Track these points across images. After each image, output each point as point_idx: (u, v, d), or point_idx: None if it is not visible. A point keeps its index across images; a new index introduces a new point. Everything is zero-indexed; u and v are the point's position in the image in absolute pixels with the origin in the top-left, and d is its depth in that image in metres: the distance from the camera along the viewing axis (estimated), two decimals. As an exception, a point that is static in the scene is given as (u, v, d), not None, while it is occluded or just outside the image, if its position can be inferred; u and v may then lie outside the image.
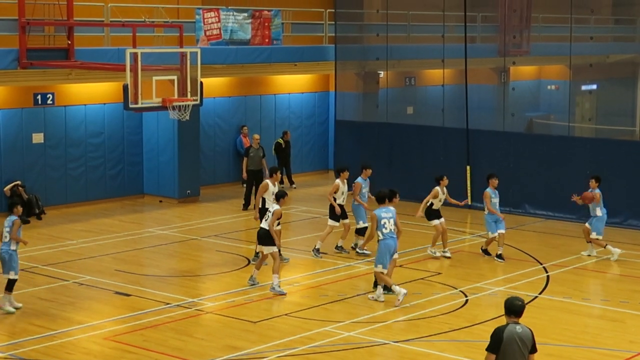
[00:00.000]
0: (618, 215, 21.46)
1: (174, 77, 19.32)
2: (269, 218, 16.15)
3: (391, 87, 27.67)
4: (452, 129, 25.10)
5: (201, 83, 19.54)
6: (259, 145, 24.78)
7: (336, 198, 18.98)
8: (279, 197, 16.68)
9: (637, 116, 34.12)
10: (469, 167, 23.96)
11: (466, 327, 14.39)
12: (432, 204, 18.87)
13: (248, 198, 24.27)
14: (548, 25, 32.48)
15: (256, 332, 14.14)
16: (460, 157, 24.17)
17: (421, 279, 17.31)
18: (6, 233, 15.08)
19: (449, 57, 25.85)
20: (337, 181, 19.17)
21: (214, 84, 26.22)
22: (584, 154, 22.70)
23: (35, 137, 23.36)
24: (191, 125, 24.10)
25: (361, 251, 19.08)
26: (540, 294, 16.41)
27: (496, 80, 30.45)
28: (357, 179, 19.23)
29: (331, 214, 19.10)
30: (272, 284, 16.19)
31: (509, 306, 9.11)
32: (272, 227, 16.10)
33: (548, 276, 17.63)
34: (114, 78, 22.09)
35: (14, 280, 15.16)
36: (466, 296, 16.16)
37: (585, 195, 18.89)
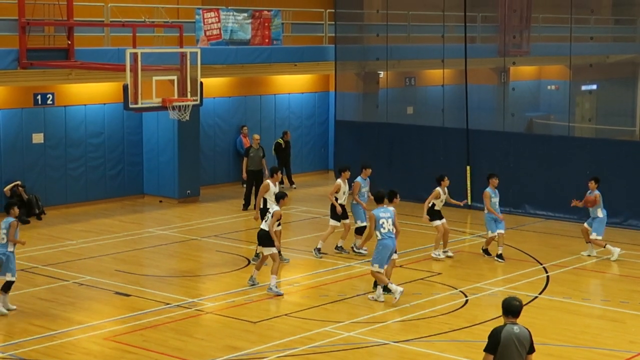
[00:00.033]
0: (618, 215, 21.46)
1: (174, 77, 19.32)
2: (268, 219, 16.16)
3: (391, 87, 27.66)
4: (452, 129, 25.10)
5: (201, 83, 19.54)
6: (259, 146, 24.76)
7: (337, 198, 18.99)
8: (279, 198, 16.69)
9: (637, 116, 34.09)
10: (469, 167, 23.96)
11: (466, 327, 14.39)
12: (433, 204, 18.84)
13: (248, 198, 24.27)
14: (548, 25, 32.47)
15: (256, 333, 14.14)
16: (460, 157, 24.17)
17: (421, 279, 17.31)
18: (3, 235, 14.94)
19: (449, 57, 25.85)
20: (338, 181, 19.18)
21: (214, 84, 26.22)
22: (584, 154, 22.69)
23: (35, 137, 23.35)
24: (191, 126, 24.09)
25: (357, 250, 19.08)
26: (540, 294, 16.41)
27: (496, 80, 30.44)
28: (357, 178, 19.23)
29: (332, 214, 19.09)
30: (270, 284, 16.19)
31: (507, 306, 9.11)
32: (272, 228, 16.10)
33: (548, 276, 17.62)
34: (114, 78, 22.08)
35: (11, 282, 15.08)
36: (466, 296, 16.16)
37: (587, 199, 18.87)
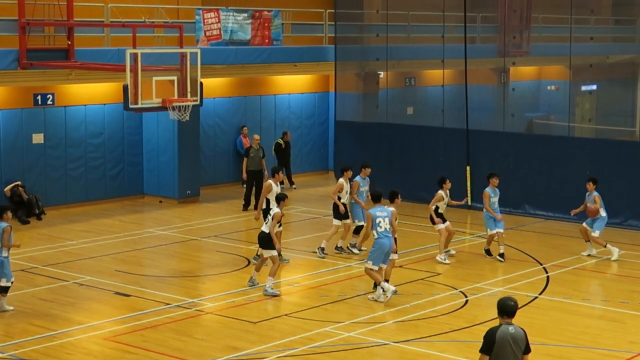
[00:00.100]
0: (618, 216, 21.45)
1: (174, 78, 19.32)
2: (269, 221, 16.13)
3: (391, 87, 27.67)
4: (452, 130, 25.10)
5: (201, 83, 19.55)
6: (259, 146, 24.76)
7: (340, 197, 19.01)
8: (279, 200, 16.64)
9: (637, 117, 34.08)
10: (469, 168, 23.96)
11: (466, 327, 14.39)
12: (437, 207, 18.78)
13: (248, 198, 24.27)
14: (548, 25, 32.46)
15: (256, 333, 14.14)
16: (460, 158, 24.17)
17: (421, 279, 17.30)
18: None
19: (449, 58, 25.85)
20: (340, 180, 19.20)
21: (214, 85, 26.22)
22: (584, 154, 22.69)
23: (35, 137, 23.35)
24: (191, 126, 24.09)
25: (350, 249, 19.13)
26: (540, 294, 16.41)
27: (496, 80, 30.43)
28: (356, 177, 19.25)
29: (335, 214, 19.10)
30: (265, 285, 16.17)
31: (502, 307, 9.11)
32: (273, 230, 16.07)
33: (548, 276, 17.62)
34: (114, 78, 22.08)
35: (6, 287, 14.98)
36: (466, 297, 16.16)
37: (590, 209, 18.81)
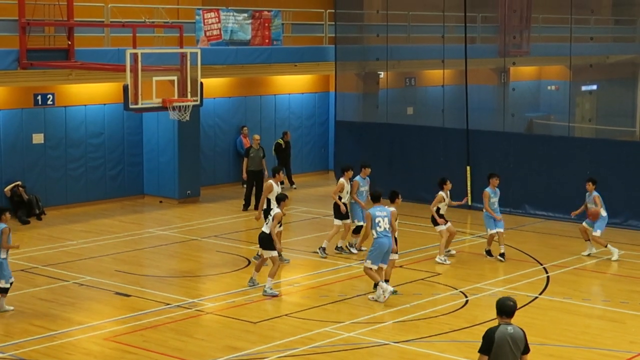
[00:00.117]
0: (618, 216, 21.45)
1: (174, 78, 19.32)
2: (269, 222, 16.12)
3: (391, 87, 27.67)
4: (452, 130, 25.10)
5: (201, 83, 19.54)
6: (259, 146, 24.75)
7: (341, 197, 19.01)
8: (280, 200, 16.63)
9: (637, 117, 34.06)
10: (469, 168, 23.95)
11: (466, 327, 14.39)
12: (438, 208, 18.72)
13: (248, 199, 24.28)
14: (548, 25, 32.47)
15: (256, 333, 14.14)
16: (460, 158, 24.17)
17: (421, 279, 17.30)
18: None
19: (449, 58, 25.86)
20: (341, 180, 19.20)
21: (214, 85, 26.22)
22: (584, 154, 22.69)
23: (35, 137, 23.35)
24: (191, 126, 24.09)
25: (348, 249, 19.14)
26: (541, 294, 16.41)
27: (496, 80, 30.44)
28: (356, 177, 19.25)
29: (337, 213, 19.11)
30: (265, 286, 16.17)
31: (501, 307, 9.09)
32: (274, 231, 16.06)
33: (548, 277, 17.62)
34: (114, 78, 22.08)
35: (6, 288, 14.97)
36: (466, 297, 16.16)
37: (591, 213, 18.79)
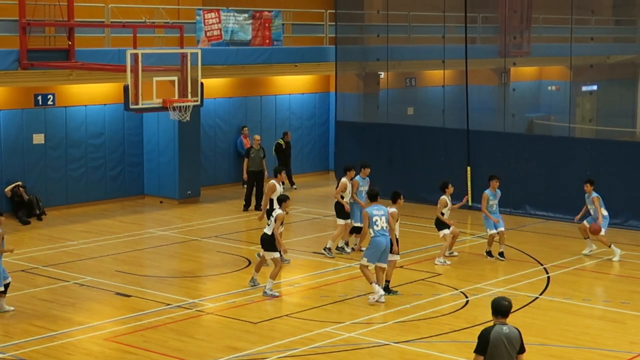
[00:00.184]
0: (618, 216, 21.43)
1: (175, 78, 19.31)
2: (271, 223, 16.11)
3: (392, 88, 27.68)
4: (452, 130, 25.10)
5: (202, 84, 19.54)
6: (259, 146, 24.75)
7: (344, 196, 19.02)
8: (281, 201, 16.59)
9: (638, 117, 34.05)
10: (469, 168, 23.95)
11: (467, 328, 14.38)
12: (442, 213, 18.70)
13: (249, 199, 24.28)
14: (548, 26, 32.47)
15: (257, 333, 14.14)
16: (460, 158, 24.17)
17: (422, 279, 17.31)
18: None
19: (449, 58, 25.86)
20: (343, 180, 19.19)
21: (215, 85, 26.22)
22: (585, 154, 22.69)
23: (35, 137, 23.36)
24: (192, 126, 24.09)
25: (343, 248, 19.15)
26: (541, 294, 16.41)
27: (497, 81, 30.43)
28: (355, 177, 19.26)
29: (339, 213, 19.10)
30: (265, 287, 16.17)
31: (496, 306, 9.08)
32: (277, 232, 16.05)
33: (548, 277, 17.62)
34: (115, 79, 22.08)
35: (2, 291, 14.95)
36: (467, 297, 16.16)
37: (593, 229, 18.74)
